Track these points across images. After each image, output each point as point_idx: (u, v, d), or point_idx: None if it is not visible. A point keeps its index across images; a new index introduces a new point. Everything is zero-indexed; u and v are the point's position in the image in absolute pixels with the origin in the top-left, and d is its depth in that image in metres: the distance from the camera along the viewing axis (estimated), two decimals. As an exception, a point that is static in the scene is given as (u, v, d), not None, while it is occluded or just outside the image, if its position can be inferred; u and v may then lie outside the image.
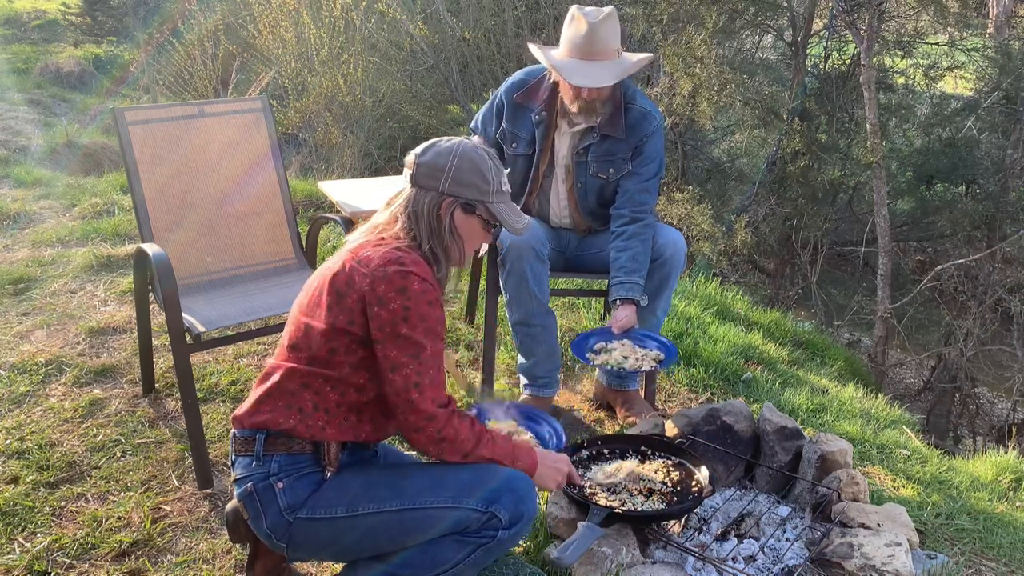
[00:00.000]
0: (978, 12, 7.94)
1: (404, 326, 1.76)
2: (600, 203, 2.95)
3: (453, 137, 1.93)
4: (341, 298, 1.80)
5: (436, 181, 1.86)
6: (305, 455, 1.83)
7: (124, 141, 2.84)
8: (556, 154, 2.92)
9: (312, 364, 1.83)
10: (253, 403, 1.86)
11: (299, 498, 1.81)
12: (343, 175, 7.31)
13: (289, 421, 1.81)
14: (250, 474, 1.83)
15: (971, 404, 7.19)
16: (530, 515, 1.84)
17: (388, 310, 1.75)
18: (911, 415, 3.90)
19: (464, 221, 1.91)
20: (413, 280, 1.76)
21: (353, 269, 1.80)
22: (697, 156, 8.91)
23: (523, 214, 1.99)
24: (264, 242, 3.08)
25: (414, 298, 1.76)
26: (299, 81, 7.86)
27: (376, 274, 1.77)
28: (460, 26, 8.23)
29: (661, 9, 6.90)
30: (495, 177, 1.91)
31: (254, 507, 1.83)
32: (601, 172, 2.87)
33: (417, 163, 1.89)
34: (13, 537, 2.32)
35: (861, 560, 2.09)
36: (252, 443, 1.83)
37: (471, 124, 3.10)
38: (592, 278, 3.23)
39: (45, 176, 6.15)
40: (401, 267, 1.77)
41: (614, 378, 3.05)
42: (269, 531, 1.83)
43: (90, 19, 14.25)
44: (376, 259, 1.79)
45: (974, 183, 7.73)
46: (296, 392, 1.83)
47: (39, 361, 3.23)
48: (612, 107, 2.81)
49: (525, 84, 2.91)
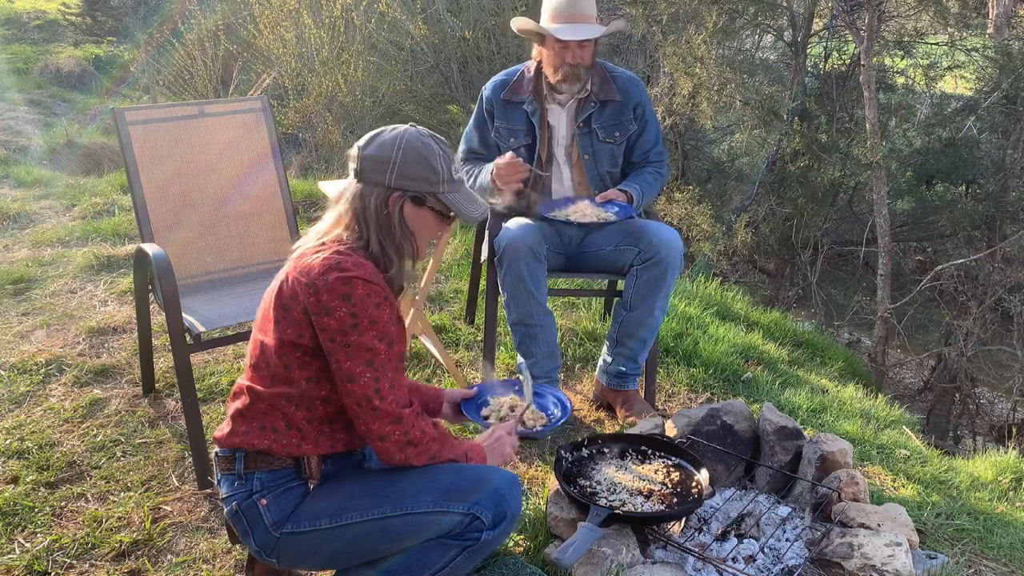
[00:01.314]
0: (978, 12, 7.93)
1: (353, 333, 1.69)
2: (611, 167, 3.05)
3: (398, 126, 1.82)
4: (287, 311, 1.75)
5: (382, 175, 1.77)
6: (286, 469, 1.82)
7: (124, 141, 2.84)
8: (555, 134, 3.02)
9: (273, 384, 1.79)
10: (228, 424, 1.85)
11: (283, 513, 1.80)
12: (343, 175, 7.28)
13: (264, 442, 1.79)
14: (234, 493, 1.82)
15: (971, 404, 7.19)
16: (513, 514, 1.83)
17: (335, 319, 1.69)
18: (911, 415, 3.89)
19: (415, 214, 1.82)
20: (356, 285, 1.69)
21: (295, 280, 1.74)
22: (697, 156, 8.92)
23: (477, 198, 1.91)
24: (264, 242, 3.09)
25: (360, 303, 1.69)
26: (299, 81, 7.85)
27: (317, 283, 1.70)
28: (460, 26, 8.22)
29: (661, 9, 6.90)
30: (444, 166, 1.81)
31: (241, 525, 1.83)
32: (609, 137, 2.99)
33: (361, 156, 1.78)
34: (13, 537, 2.32)
35: (861, 560, 2.09)
36: (233, 461, 1.82)
37: (460, 149, 3.14)
38: (592, 278, 3.24)
39: (45, 176, 6.15)
40: (342, 273, 1.69)
41: (614, 378, 3.05)
42: (258, 547, 1.83)
43: (90, 19, 14.25)
44: (316, 267, 1.71)
45: (974, 183, 7.72)
46: (266, 412, 1.80)
47: (39, 361, 3.23)
48: (598, 76, 2.97)
49: (507, 83, 3.03)
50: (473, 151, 3.11)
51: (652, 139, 3.07)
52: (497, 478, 1.83)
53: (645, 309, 2.89)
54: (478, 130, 3.10)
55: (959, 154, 7.53)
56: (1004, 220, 7.22)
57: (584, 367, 3.47)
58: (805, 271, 7.87)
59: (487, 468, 1.86)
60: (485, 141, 3.08)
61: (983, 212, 7.25)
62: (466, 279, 3.94)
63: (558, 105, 3.00)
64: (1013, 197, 7.21)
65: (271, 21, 7.78)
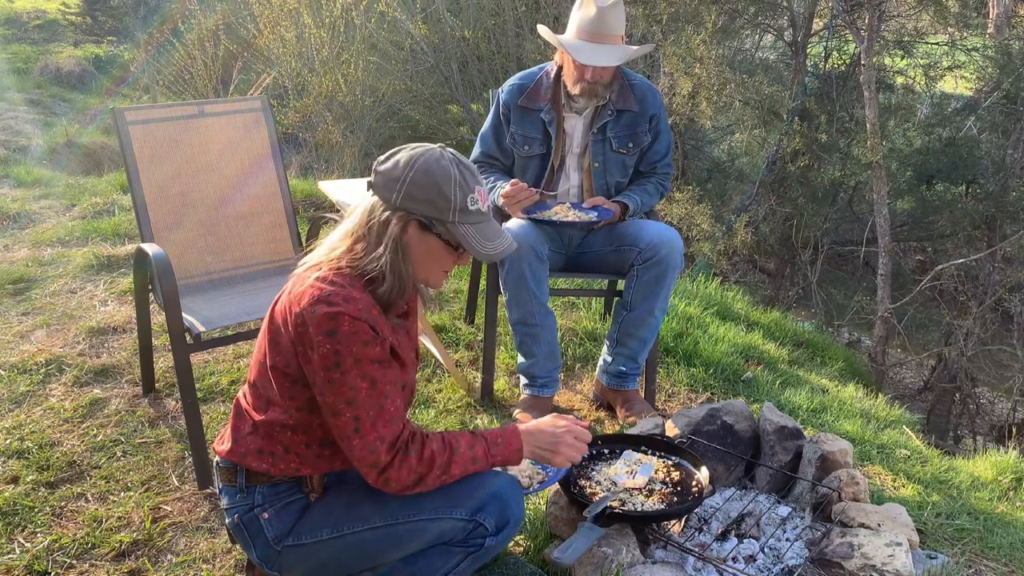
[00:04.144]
0: (978, 12, 7.94)
1: (336, 371, 1.63)
2: (621, 177, 3.05)
3: (429, 146, 1.73)
4: (278, 337, 1.71)
5: (390, 193, 1.68)
6: (288, 483, 1.81)
7: (124, 141, 2.84)
8: (569, 141, 3.00)
9: (269, 409, 1.77)
10: (229, 440, 1.83)
11: (285, 527, 1.80)
12: (343, 175, 7.31)
13: (262, 465, 1.77)
14: (235, 505, 1.81)
15: (971, 404, 7.19)
16: (516, 519, 1.82)
17: (319, 354, 1.63)
18: (911, 415, 3.89)
19: (420, 240, 1.71)
20: (343, 321, 1.61)
21: (287, 307, 1.68)
22: (697, 156, 8.92)
23: (499, 236, 1.78)
24: (264, 242, 3.08)
25: (344, 341, 1.61)
26: (299, 81, 7.86)
27: (305, 315, 1.63)
28: (460, 26, 8.22)
29: (661, 9, 6.91)
30: (458, 194, 1.68)
31: (243, 538, 1.83)
32: (622, 147, 2.98)
33: (376, 171, 1.72)
34: (13, 537, 2.32)
35: (861, 560, 2.09)
36: (235, 474, 1.81)
37: (475, 151, 3.12)
38: (592, 278, 3.24)
39: (45, 176, 6.15)
40: (330, 307, 1.61)
41: (614, 377, 3.05)
42: (260, 560, 1.83)
43: (90, 19, 14.26)
44: (306, 297, 1.65)
45: (974, 183, 7.73)
46: (265, 437, 1.78)
47: (39, 361, 3.23)
48: (617, 83, 2.94)
49: (524, 88, 2.99)
50: (489, 155, 3.08)
51: (663, 150, 3.06)
52: (500, 483, 1.81)
53: (645, 309, 2.89)
54: (494, 133, 3.06)
55: (959, 154, 7.53)
56: (1004, 220, 7.22)
57: (584, 367, 3.47)
58: (805, 271, 7.88)
59: (490, 473, 1.82)
60: (501, 145, 3.06)
61: (983, 212, 7.26)
62: (466, 279, 3.93)
63: (575, 113, 2.97)
64: (1013, 197, 7.21)
65: (271, 21, 7.78)
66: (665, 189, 3.12)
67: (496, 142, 3.06)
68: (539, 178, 3.01)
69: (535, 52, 7.78)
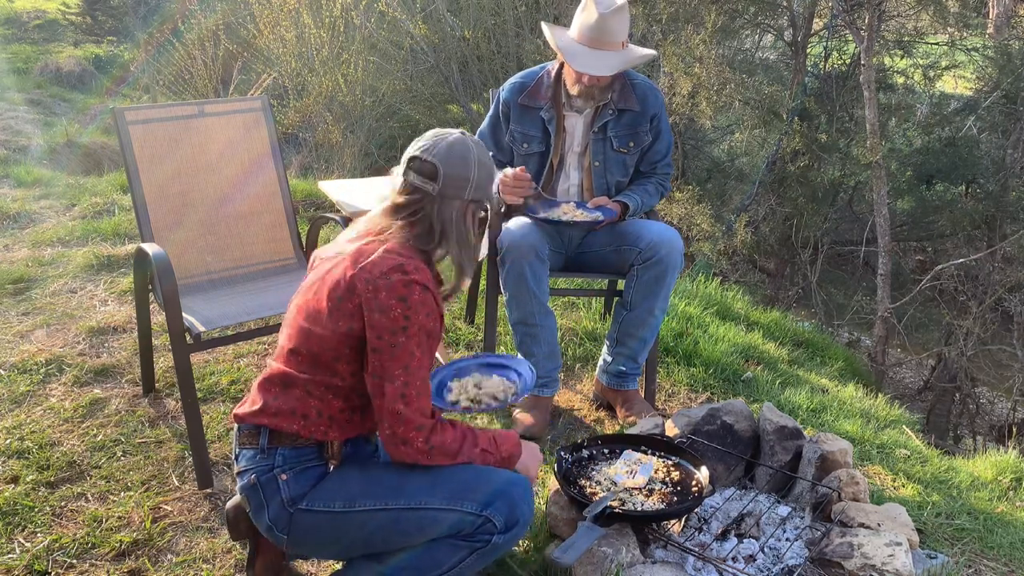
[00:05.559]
0: (978, 12, 7.94)
1: (402, 335, 1.75)
2: (621, 176, 3.04)
3: (449, 131, 1.90)
4: (341, 303, 1.79)
5: (462, 191, 1.86)
6: (309, 448, 1.85)
7: (124, 141, 2.84)
8: (570, 139, 3.00)
9: (315, 371, 1.83)
10: (256, 404, 1.86)
11: (302, 490, 1.83)
12: (343, 175, 7.31)
13: (292, 427, 1.82)
14: (254, 466, 1.84)
15: (971, 404, 7.20)
16: (525, 520, 1.84)
17: (389, 318, 1.74)
18: (911, 415, 3.89)
19: (479, 222, 1.94)
20: (415, 289, 1.76)
21: (355, 276, 1.78)
22: (697, 156, 8.92)
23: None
24: (264, 242, 3.08)
25: (414, 308, 1.75)
26: (299, 81, 7.86)
27: (379, 281, 1.75)
28: (460, 26, 8.22)
29: (661, 9, 6.91)
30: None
31: (257, 498, 1.84)
32: (622, 147, 2.97)
33: (445, 174, 1.83)
34: (13, 537, 2.32)
35: (861, 560, 2.09)
36: (256, 436, 1.85)
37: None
38: (592, 278, 3.23)
39: (45, 176, 6.15)
40: (404, 275, 1.76)
41: (614, 377, 3.05)
42: (271, 522, 1.84)
43: (90, 19, 14.26)
44: (380, 265, 1.77)
45: (974, 183, 7.74)
46: (300, 398, 1.83)
47: (39, 361, 3.23)
48: (618, 83, 2.93)
49: (525, 87, 2.98)
50: None
51: (663, 150, 3.06)
52: (512, 483, 1.84)
53: (645, 309, 2.89)
54: (492, 131, 3.07)
55: (959, 154, 7.54)
56: (1004, 220, 7.23)
57: (584, 367, 3.47)
58: (805, 271, 7.88)
59: (503, 472, 1.88)
60: (499, 143, 3.06)
61: (983, 212, 7.27)
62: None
63: (576, 112, 2.97)
64: (1013, 197, 7.22)
65: (271, 21, 7.79)
66: (665, 189, 3.12)
67: (493, 140, 3.07)
68: (537, 176, 3.01)
69: (535, 52, 7.79)
